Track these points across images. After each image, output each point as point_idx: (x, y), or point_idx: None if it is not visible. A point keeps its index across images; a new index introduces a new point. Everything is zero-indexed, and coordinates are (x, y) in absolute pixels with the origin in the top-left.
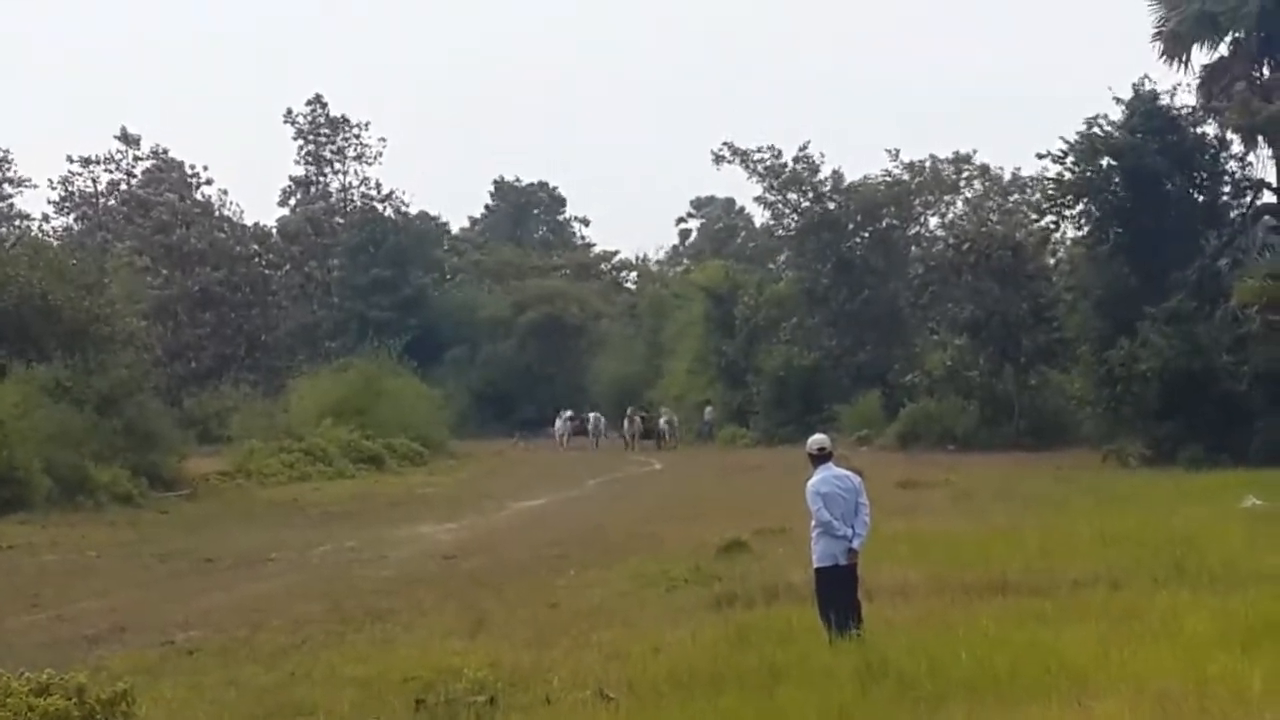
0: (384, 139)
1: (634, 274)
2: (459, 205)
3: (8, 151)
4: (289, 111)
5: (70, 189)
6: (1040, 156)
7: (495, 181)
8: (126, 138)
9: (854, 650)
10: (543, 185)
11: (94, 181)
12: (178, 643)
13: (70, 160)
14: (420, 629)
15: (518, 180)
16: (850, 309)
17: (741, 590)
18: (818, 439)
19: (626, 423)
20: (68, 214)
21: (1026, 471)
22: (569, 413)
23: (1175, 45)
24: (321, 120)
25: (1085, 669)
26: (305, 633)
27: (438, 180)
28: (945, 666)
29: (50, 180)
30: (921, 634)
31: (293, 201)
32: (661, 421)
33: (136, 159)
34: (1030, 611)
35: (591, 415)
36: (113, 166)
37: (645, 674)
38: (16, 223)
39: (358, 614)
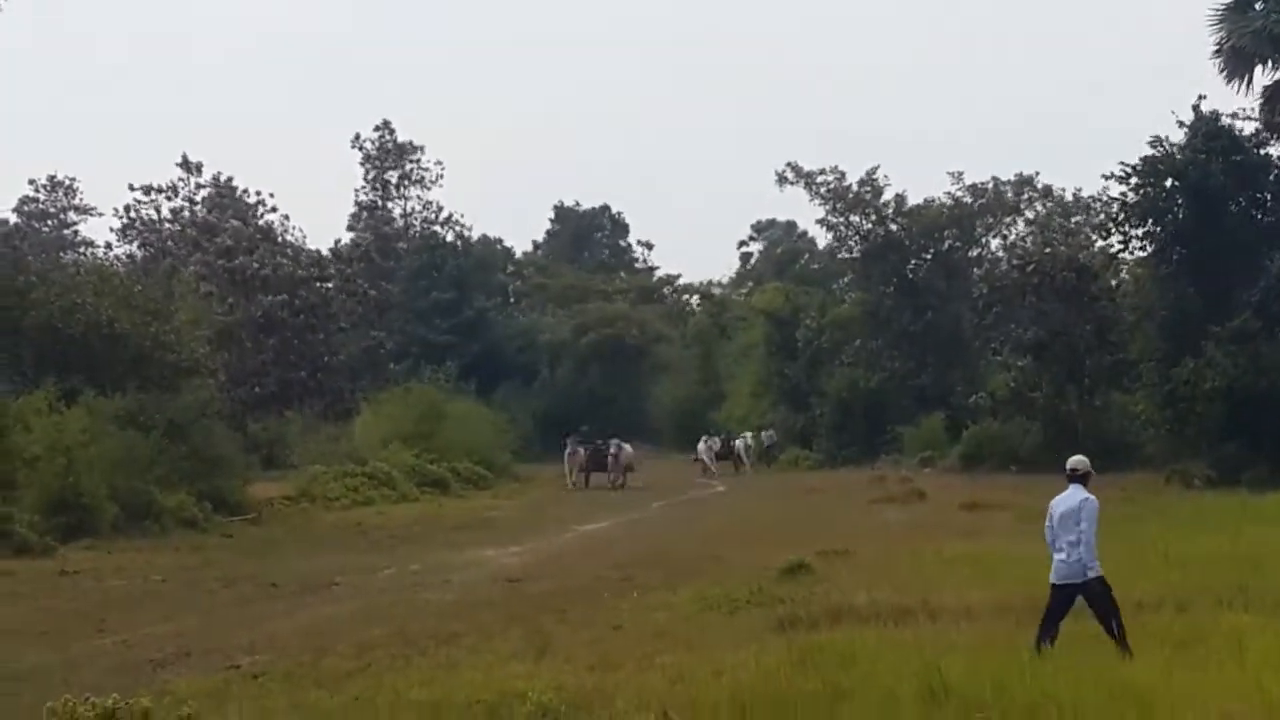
0: (441, 162)
1: (696, 298)
2: (522, 229)
3: (73, 180)
4: (357, 137)
5: (133, 216)
6: (1105, 178)
7: (555, 206)
8: (188, 165)
9: (915, 673)
10: (604, 209)
11: (156, 210)
12: (243, 667)
13: (132, 188)
14: (485, 652)
15: (577, 205)
16: (913, 331)
17: (805, 612)
18: (1073, 460)
19: (704, 446)
20: (131, 241)
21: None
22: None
23: (1237, 64)
24: (390, 146)
25: (1150, 692)
26: (370, 657)
27: (501, 204)
28: (1009, 689)
29: (115, 209)
30: (984, 656)
31: (360, 226)
32: (737, 443)
33: (199, 186)
34: (1094, 634)
35: (614, 442)
36: (174, 194)
37: (708, 697)
38: (82, 250)
39: (422, 638)
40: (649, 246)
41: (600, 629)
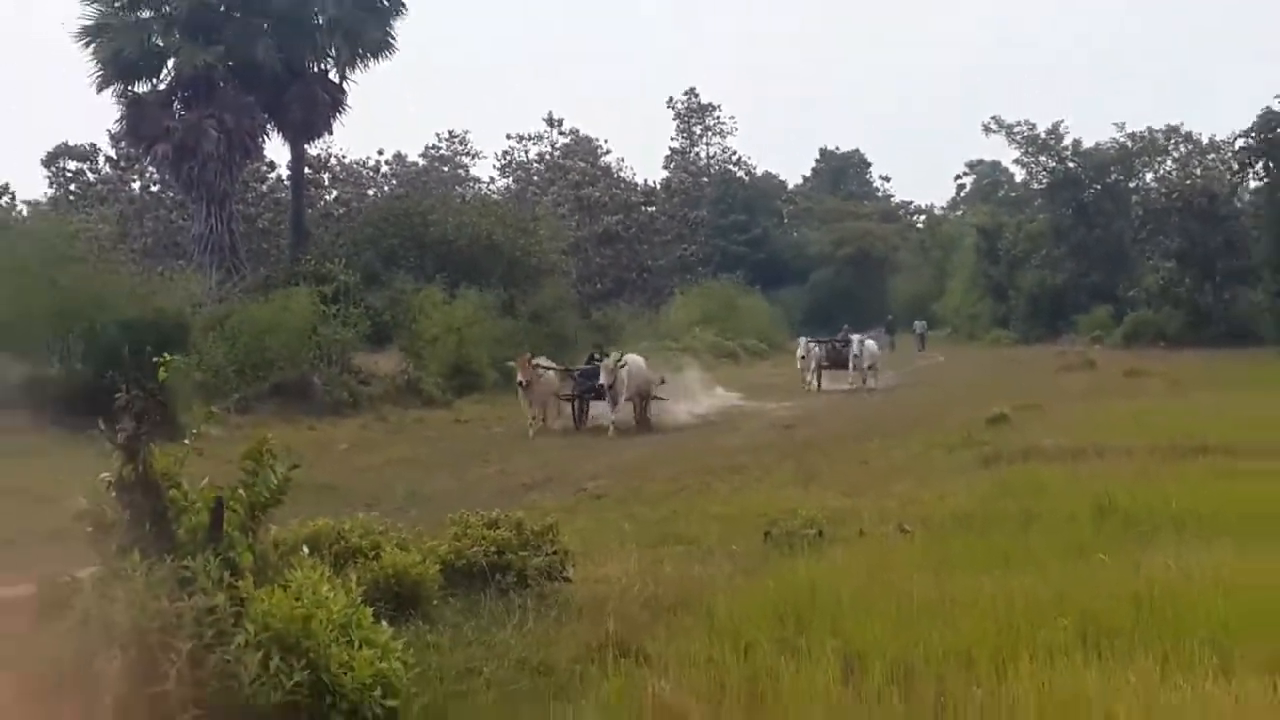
0: (734, 117)
1: (924, 218)
2: (792, 165)
3: (467, 132)
4: (670, 99)
5: (509, 158)
6: (1228, 144)
7: (820, 150)
8: (551, 120)
9: (1089, 497)
10: (855, 152)
11: (526, 153)
12: (588, 490)
13: (508, 137)
14: (766, 481)
15: (837, 148)
16: (1087, 242)
17: (1004, 452)
18: None
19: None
20: (507, 177)
21: (1224, 364)
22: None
23: None
24: (695, 106)
25: (1276, 511)
26: (681, 483)
27: (778, 149)
28: (1159, 508)
29: (496, 153)
30: (1141, 484)
31: (673, 166)
32: (853, 348)
33: (560, 135)
34: (1226, 468)
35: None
36: (539, 141)
37: (934, 514)
38: (470, 184)
39: (719, 469)
40: (887, 179)
41: (852, 465)
